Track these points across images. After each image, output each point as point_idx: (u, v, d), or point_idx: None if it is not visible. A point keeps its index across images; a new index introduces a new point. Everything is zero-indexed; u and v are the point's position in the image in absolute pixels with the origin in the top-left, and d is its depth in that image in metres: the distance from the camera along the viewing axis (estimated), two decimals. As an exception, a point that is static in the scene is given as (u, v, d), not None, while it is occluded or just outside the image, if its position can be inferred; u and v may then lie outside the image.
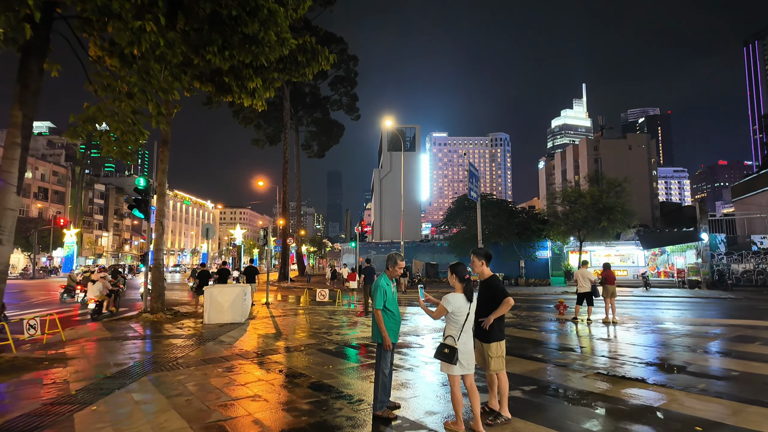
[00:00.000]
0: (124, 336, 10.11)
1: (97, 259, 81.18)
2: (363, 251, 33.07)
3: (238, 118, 42.23)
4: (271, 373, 6.53)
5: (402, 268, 4.84)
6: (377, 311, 4.58)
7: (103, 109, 9.82)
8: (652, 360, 7.35)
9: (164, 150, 14.55)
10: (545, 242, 29.17)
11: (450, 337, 4.08)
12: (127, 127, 10.09)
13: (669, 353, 7.91)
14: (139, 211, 14.40)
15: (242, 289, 12.54)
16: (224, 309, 12.10)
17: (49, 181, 72.20)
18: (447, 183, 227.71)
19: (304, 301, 17.80)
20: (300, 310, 15.66)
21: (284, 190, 38.54)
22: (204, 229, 16.55)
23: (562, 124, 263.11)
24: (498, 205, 30.69)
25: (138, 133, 10.28)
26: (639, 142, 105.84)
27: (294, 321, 12.61)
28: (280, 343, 9.11)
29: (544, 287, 27.23)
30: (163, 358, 7.67)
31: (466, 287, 4.13)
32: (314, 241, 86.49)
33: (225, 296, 12.20)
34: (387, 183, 61.82)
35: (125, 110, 10.01)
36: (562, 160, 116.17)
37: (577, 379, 6.12)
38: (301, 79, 15.29)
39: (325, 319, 12.88)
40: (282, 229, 38.95)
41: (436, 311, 4.21)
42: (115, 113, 9.98)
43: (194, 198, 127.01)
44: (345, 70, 46.39)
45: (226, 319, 12.03)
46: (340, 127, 48.66)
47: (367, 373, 6.45)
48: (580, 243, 25.02)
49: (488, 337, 4.36)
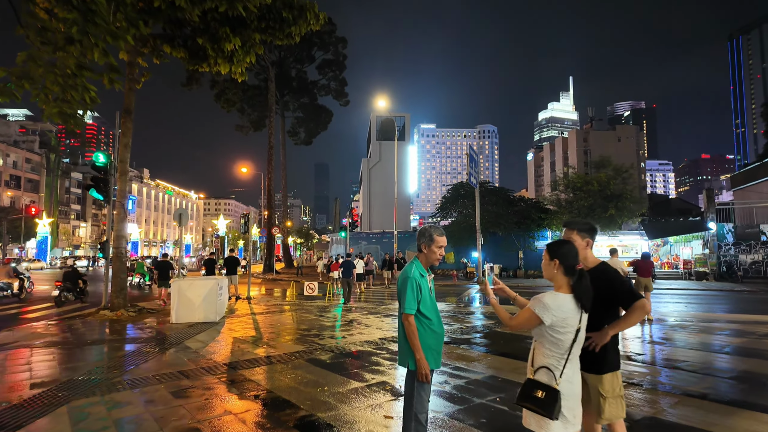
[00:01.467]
0: (64, 340, 8.18)
1: (74, 250, 77.99)
2: (353, 242, 31.23)
3: (221, 101, 39.84)
4: (245, 400, 4.73)
5: (443, 246, 3.08)
6: (408, 318, 2.84)
7: (37, 58, 7.80)
8: (741, 374, 5.75)
9: (126, 121, 12.50)
10: (545, 232, 27.67)
11: (545, 369, 2.33)
12: (68, 81, 8.10)
13: (759, 365, 6.32)
14: (97, 191, 12.38)
15: (216, 282, 10.65)
16: (195, 306, 10.23)
17: (21, 169, 68.65)
18: (435, 175, 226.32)
19: (291, 296, 15.97)
20: (286, 305, 13.83)
21: (269, 177, 36.41)
22: (176, 215, 14.56)
23: (549, 117, 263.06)
24: (496, 192, 29.05)
25: (82, 89, 8.28)
26: (628, 133, 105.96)
27: (278, 320, 10.78)
28: (259, 350, 7.29)
29: (545, 279, 25.74)
30: (102, 374, 5.81)
31: (578, 284, 2.37)
32: (301, 232, 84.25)
33: (196, 291, 10.32)
34: (376, 173, 60.05)
35: (66, 61, 8.01)
36: (552, 152, 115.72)
37: (669, 407, 4.45)
38: (286, 42, 13.31)
39: (314, 317, 11.08)
40: (267, 219, 36.85)
41: (519, 319, 2.45)
42: (53, 65, 7.99)
43: (177, 188, 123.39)
44: (333, 53, 44.16)
45: (197, 317, 10.16)
46: (328, 113, 46.46)
47: (377, 398, 4.70)
48: (585, 232, 23.57)
49: (600, 365, 2.63)
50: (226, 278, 13.19)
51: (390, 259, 22.73)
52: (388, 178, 57.10)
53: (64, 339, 8.33)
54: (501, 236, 27.38)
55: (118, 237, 12.26)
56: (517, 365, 6.10)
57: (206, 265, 16.66)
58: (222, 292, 11.20)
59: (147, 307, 12.63)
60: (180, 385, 5.23)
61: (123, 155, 12.35)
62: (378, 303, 14.60)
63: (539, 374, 2.34)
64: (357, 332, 8.86)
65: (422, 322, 2.89)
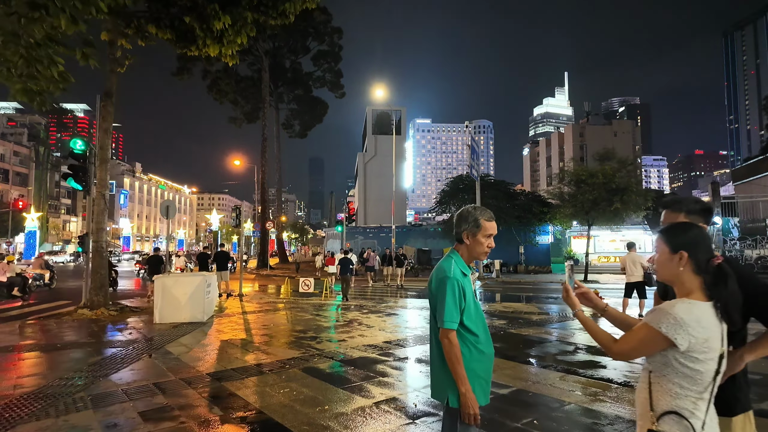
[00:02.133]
0: (32, 343, 7.31)
1: (64, 245, 76.58)
2: (349, 236, 30.34)
3: (213, 92, 38.81)
4: (228, 424, 3.91)
5: (493, 236, 2.26)
6: (448, 335, 2.03)
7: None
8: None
9: (107, 105, 11.56)
10: (546, 226, 26.96)
11: (674, 416, 1.52)
12: (32, 53, 7.19)
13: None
14: (75, 180, 11.47)
15: (204, 279, 9.79)
16: (181, 304, 9.38)
17: (9, 162, 67.05)
18: (431, 170, 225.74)
19: (286, 293, 15.15)
20: (280, 303, 13.00)
21: (263, 170, 35.42)
22: (163, 207, 13.65)
23: (544, 113, 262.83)
24: (496, 186, 28.26)
25: (48, 62, 7.37)
26: (624, 128, 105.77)
27: (271, 320, 9.96)
28: (249, 356, 6.47)
29: (547, 275, 25.07)
30: (63, 387, 4.97)
31: (719, 287, 1.56)
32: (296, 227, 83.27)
33: (182, 288, 9.46)
34: (372, 167, 59.10)
35: (30, 30, 7.09)
36: (547, 147, 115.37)
37: None
38: (280, 21, 12.39)
39: (311, 317, 10.27)
40: (261, 213, 35.91)
41: (631, 342, 1.60)
42: (15, 35, 7.08)
43: (170, 182, 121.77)
44: (329, 44, 43.03)
45: (183, 317, 9.31)
46: (323, 105, 45.42)
47: (390, 422, 3.90)
48: (588, 227, 22.84)
49: (729, 404, 1.83)
50: (215, 274, 12.33)
51: (390, 254, 21.93)
52: (384, 172, 56.32)
53: (31, 342, 7.46)
54: (501, 230, 26.54)
55: (98, 230, 11.36)
56: (543, 376, 5.34)
57: (198, 260, 16.07)
58: (210, 290, 10.35)
59: (130, 306, 11.75)
60: (153, 403, 4.41)
61: (103, 141, 11.43)
62: (378, 300, 13.80)
63: (666, 423, 1.53)
64: (358, 334, 8.06)
65: (466, 340, 2.08)
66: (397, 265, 19.71)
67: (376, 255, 21.56)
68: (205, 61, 35.53)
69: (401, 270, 19.63)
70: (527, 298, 14.43)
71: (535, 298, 14.54)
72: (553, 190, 23.42)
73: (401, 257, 20.49)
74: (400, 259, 19.96)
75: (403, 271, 19.82)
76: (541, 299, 14.38)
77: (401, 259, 20.01)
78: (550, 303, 13.30)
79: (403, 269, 20.07)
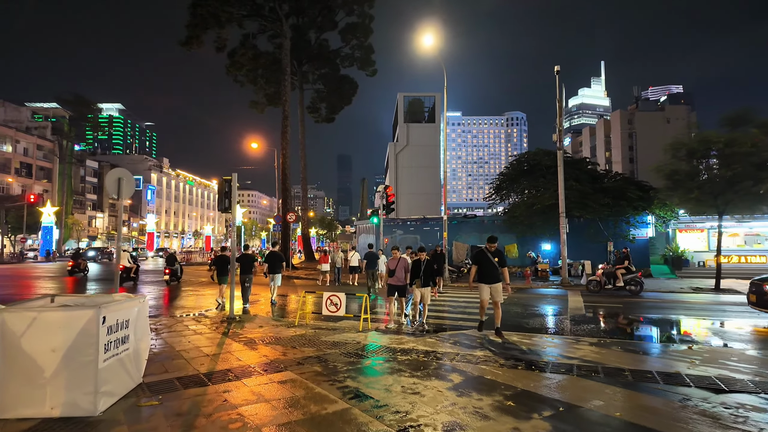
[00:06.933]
0: None
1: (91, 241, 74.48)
2: (387, 230, 24.94)
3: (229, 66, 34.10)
4: None
5: None
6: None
7: None
8: None
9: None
10: (645, 216, 20.76)
11: None
12: None
13: None
14: None
15: (96, 316, 4.34)
16: (43, 373, 4.12)
17: (33, 156, 65.00)
18: (461, 164, 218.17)
19: (304, 316, 9.87)
20: (289, 342, 7.71)
21: (284, 153, 30.36)
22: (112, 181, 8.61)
23: (580, 104, 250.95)
24: (577, 165, 22.24)
25: None
26: (678, 114, 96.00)
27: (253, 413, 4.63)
28: None
29: (650, 280, 18.63)
30: None
31: None
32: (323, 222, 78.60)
33: (45, 339, 4.17)
34: (403, 157, 53.55)
35: None
36: (591, 136, 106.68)
37: None
38: None
39: (337, 394, 4.89)
40: (281, 204, 30.89)
41: None
42: None
43: (198, 178, 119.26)
44: (359, 15, 37.39)
45: (45, 405, 4.05)
46: (352, 84, 40.09)
47: None
48: (719, 216, 16.64)
49: None
50: (137, 302, 7.12)
51: (441, 252, 16.44)
52: (416, 162, 51.05)
53: None
54: (581, 222, 20.67)
55: None
56: None
57: (217, 264, 12.04)
58: (130, 338, 4.97)
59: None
60: None
61: None
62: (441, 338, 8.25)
63: None
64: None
65: None
66: (424, 284, 8.88)
67: (424, 257, 9.15)
68: (218, 27, 30.95)
69: (428, 291, 9.06)
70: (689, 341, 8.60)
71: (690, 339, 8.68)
72: (664, 167, 17.27)
73: (440, 257, 15.29)
74: (431, 269, 9.17)
75: (428, 293, 9.14)
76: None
77: (432, 269, 9.22)
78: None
79: (437, 287, 12.24)
